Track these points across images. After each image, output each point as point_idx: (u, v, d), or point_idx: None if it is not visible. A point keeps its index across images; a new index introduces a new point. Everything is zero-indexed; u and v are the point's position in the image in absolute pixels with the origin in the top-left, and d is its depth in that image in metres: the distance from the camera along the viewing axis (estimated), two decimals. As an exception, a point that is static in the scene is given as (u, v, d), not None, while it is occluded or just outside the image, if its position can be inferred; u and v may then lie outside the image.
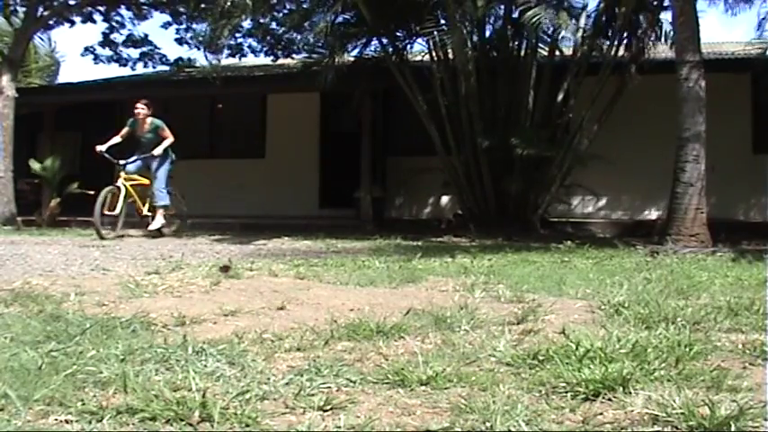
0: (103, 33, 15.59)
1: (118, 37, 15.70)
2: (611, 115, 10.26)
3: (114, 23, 15.49)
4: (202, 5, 13.31)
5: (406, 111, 11.12)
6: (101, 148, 8.89)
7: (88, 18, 15.04)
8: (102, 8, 14.92)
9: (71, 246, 7.24)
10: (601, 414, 1.76)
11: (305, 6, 12.33)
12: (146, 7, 14.97)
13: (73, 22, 14.94)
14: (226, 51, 14.18)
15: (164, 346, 2.36)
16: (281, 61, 15.19)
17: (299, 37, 14.24)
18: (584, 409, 1.79)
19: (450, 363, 2.18)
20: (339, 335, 2.62)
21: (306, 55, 13.25)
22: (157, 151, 8.99)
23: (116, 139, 9.08)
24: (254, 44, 15.06)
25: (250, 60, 15.92)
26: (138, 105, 9.26)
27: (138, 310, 3.07)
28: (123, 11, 15.21)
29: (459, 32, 9.71)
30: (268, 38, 14.67)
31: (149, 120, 9.28)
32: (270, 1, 11.64)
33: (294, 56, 14.69)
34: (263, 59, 15.66)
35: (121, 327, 2.71)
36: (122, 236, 8.84)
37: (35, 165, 13.09)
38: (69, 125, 14.09)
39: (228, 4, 10.04)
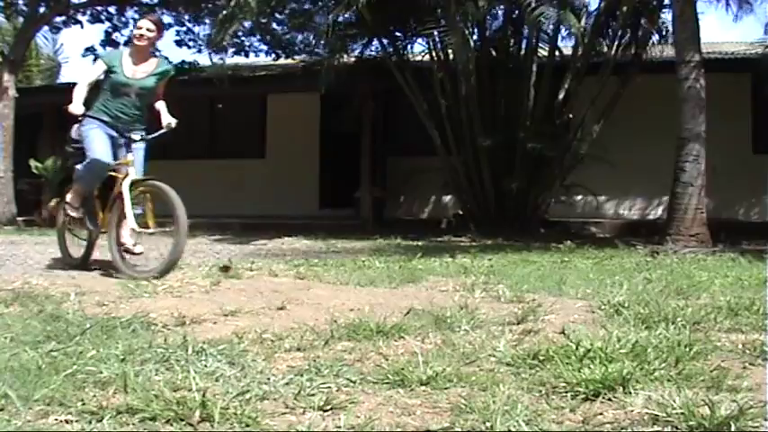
0: (106, 32, 15.56)
1: (119, 37, 15.67)
2: (611, 115, 10.26)
3: (118, 23, 15.46)
4: (207, 7, 13.28)
5: (407, 111, 11.11)
6: (78, 108, 4.81)
7: (96, 18, 15.01)
8: (112, 9, 14.88)
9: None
10: (601, 414, 1.76)
11: (306, 8, 12.33)
12: (155, 8, 14.92)
13: (81, 24, 14.92)
14: (230, 50, 14.12)
15: (164, 346, 2.36)
16: (281, 61, 15.19)
17: (300, 37, 14.21)
18: (584, 409, 1.79)
19: (450, 363, 2.18)
20: (339, 335, 2.62)
21: (306, 56, 13.23)
22: (171, 120, 5.20)
23: (84, 91, 4.92)
24: (257, 43, 15.02)
25: (250, 60, 15.91)
26: (147, 25, 5.04)
27: (138, 310, 3.07)
28: (129, 12, 15.17)
29: (459, 33, 9.70)
30: (269, 37, 14.63)
31: (155, 58, 5.22)
32: (271, 2, 11.61)
33: (295, 56, 14.66)
34: (264, 59, 15.64)
35: (121, 327, 2.71)
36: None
37: (35, 165, 13.09)
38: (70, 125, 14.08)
39: (232, 5, 10.02)
